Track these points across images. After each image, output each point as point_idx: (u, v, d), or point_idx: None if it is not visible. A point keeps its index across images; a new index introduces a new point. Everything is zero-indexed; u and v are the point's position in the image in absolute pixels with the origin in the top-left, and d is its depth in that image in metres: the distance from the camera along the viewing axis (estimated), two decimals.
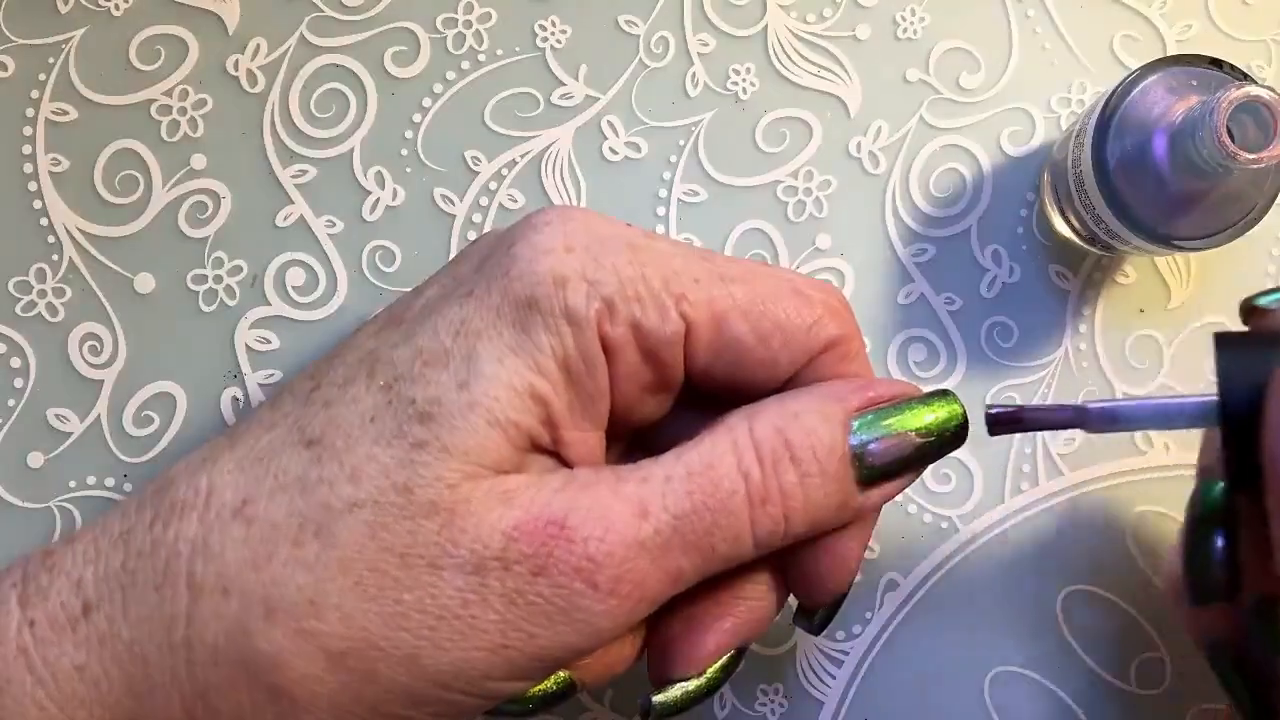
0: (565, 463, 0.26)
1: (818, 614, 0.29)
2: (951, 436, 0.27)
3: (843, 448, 0.26)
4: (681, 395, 0.28)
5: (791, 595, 0.29)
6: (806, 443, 0.26)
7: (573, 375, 0.26)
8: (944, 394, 0.27)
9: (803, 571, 0.28)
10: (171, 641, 0.24)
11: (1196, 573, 0.27)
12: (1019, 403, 0.27)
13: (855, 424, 0.26)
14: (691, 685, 0.27)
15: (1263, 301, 0.27)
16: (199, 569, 0.24)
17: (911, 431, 0.27)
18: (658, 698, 0.27)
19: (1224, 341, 0.26)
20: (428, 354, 0.25)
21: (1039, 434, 0.35)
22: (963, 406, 0.27)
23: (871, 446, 0.26)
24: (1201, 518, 0.27)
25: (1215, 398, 0.25)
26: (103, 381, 0.36)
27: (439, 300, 0.27)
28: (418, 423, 0.25)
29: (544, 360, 0.25)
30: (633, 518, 0.25)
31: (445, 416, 0.25)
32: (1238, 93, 0.27)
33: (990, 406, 0.27)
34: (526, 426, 0.25)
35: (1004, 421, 0.27)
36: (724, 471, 0.25)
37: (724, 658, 0.28)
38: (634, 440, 0.30)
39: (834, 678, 0.35)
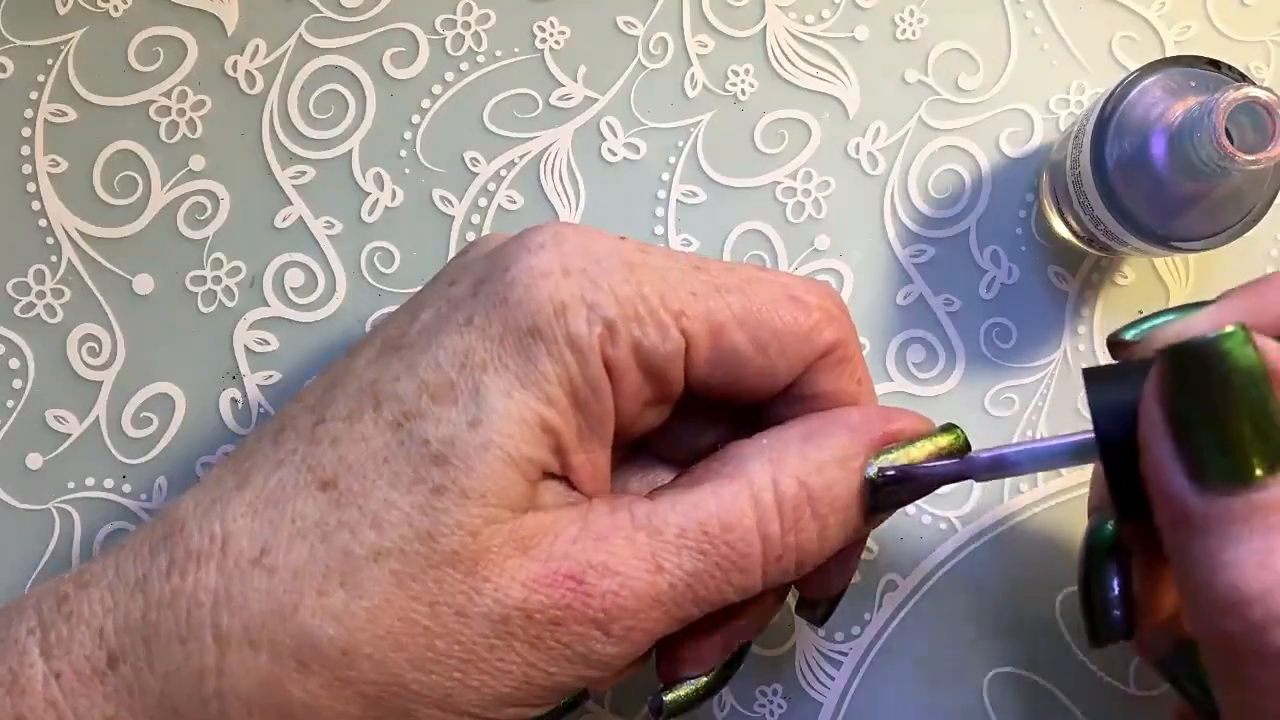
0: (574, 486, 0.26)
1: (820, 606, 0.30)
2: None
3: (860, 493, 0.27)
4: (680, 398, 0.28)
5: (793, 588, 0.29)
6: (828, 497, 0.26)
7: (579, 401, 0.25)
8: (951, 429, 0.28)
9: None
10: (203, 695, 0.24)
11: (1094, 614, 0.27)
12: (905, 463, 0.27)
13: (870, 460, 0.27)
14: (701, 682, 0.28)
15: (1128, 335, 0.27)
16: (224, 621, 0.24)
17: (921, 465, 0.27)
18: (669, 696, 0.28)
19: (1093, 376, 0.25)
20: (434, 388, 0.25)
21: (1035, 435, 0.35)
22: (967, 440, 0.28)
23: (882, 482, 0.27)
24: (1095, 554, 0.27)
25: (1092, 434, 0.25)
26: (101, 383, 0.36)
27: (436, 326, 0.26)
28: (434, 465, 0.24)
29: (551, 390, 0.25)
30: (646, 573, 0.25)
31: (461, 458, 0.24)
32: (1236, 94, 0.27)
33: (881, 470, 0.27)
34: (538, 459, 0.25)
35: (896, 481, 0.27)
36: (740, 534, 0.26)
37: (731, 653, 0.28)
38: (635, 442, 0.30)
39: (833, 679, 0.35)
